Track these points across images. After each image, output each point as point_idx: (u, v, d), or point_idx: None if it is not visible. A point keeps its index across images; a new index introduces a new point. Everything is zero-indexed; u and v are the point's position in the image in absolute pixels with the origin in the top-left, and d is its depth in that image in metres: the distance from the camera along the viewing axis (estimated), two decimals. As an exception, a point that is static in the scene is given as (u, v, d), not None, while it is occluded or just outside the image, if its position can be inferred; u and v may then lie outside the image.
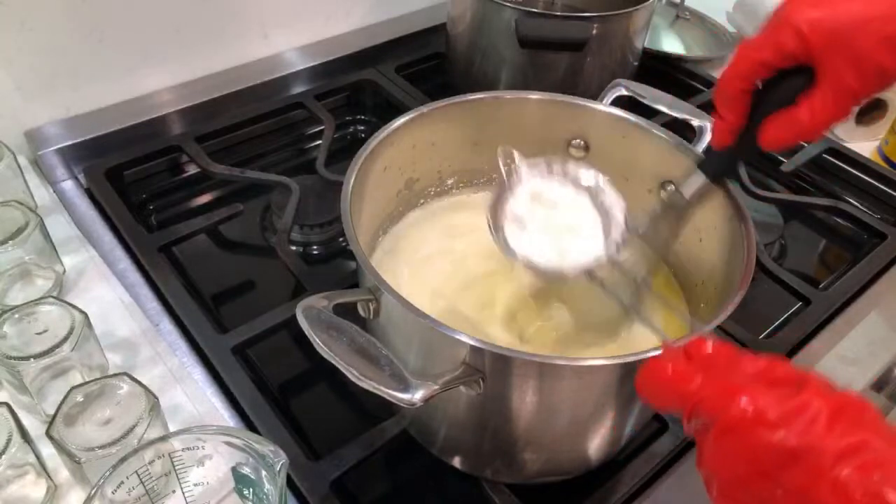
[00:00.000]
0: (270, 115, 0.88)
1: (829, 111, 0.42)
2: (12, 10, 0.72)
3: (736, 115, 0.46)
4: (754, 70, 0.44)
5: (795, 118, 0.43)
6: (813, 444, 0.30)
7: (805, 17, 0.41)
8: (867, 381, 0.65)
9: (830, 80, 0.41)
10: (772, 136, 0.45)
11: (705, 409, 0.33)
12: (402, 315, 0.46)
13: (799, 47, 0.41)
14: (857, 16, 0.40)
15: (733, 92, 0.45)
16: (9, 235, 0.60)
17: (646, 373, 0.37)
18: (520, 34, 0.80)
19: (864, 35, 0.40)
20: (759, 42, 0.43)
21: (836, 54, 0.40)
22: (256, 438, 0.43)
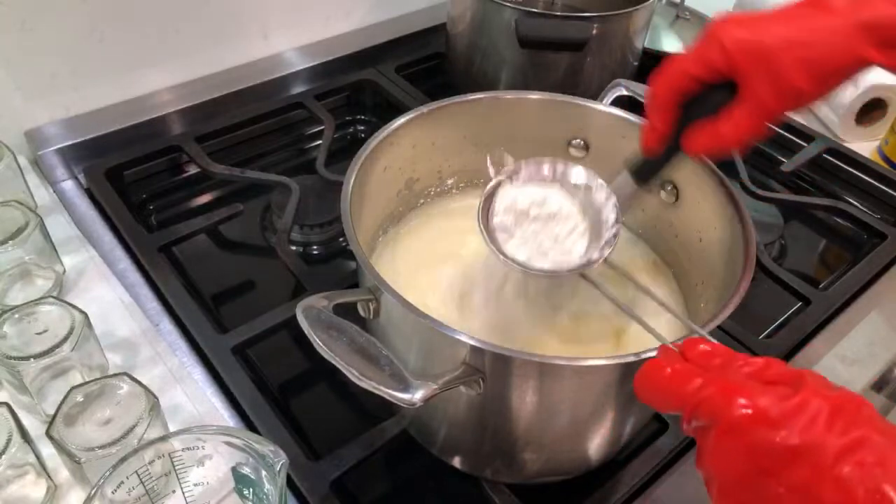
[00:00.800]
0: (270, 115, 0.88)
1: (746, 125, 0.45)
2: (12, 10, 0.72)
3: (665, 123, 0.48)
4: (683, 82, 0.46)
5: (716, 130, 0.45)
6: (814, 441, 0.30)
7: (731, 36, 0.43)
8: (867, 381, 0.65)
9: (750, 96, 0.44)
10: (694, 144, 0.47)
11: (705, 410, 0.33)
12: (402, 315, 0.46)
13: (723, 63, 0.44)
14: (778, 38, 0.42)
15: (663, 101, 0.47)
16: (9, 235, 0.60)
17: (644, 375, 0.38)
18: (520, 34, 0.80)
19: (784, 57, 0.42)
20: (688, 55, 0.46)
21: (756, 72, 0.43)
22: (256, 438, 0.43)
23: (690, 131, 0.47)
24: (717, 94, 0.45)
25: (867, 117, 0.94)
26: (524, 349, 0.42)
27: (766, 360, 0.36)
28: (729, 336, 0.65)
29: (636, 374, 0.38)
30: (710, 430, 0.33)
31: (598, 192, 0.52)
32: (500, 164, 0.54)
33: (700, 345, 0.38)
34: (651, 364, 0.37)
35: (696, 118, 0.46)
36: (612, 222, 0.51)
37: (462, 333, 0.42)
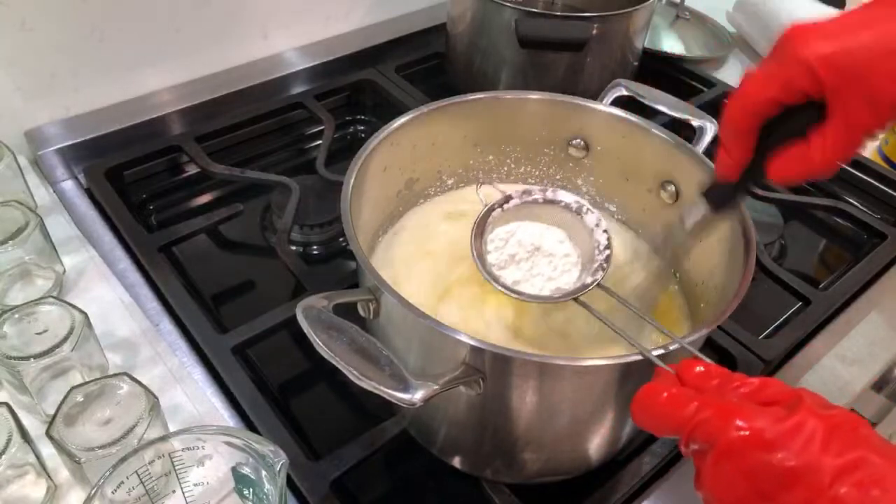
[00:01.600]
0: (270, 115, 0.88)
1: (841, 147, 0.41)
2: (12, 10, 0.72)
3: (743, 151, 0.44)
4: (763, 107, 0.42)
5: (806, 154, 0.41)
6: (811, 462, 0.30)
7: (816, 53, 0.39)
8: (867, 381, 0.65)
9: (843, 116, 0.40)
10: (781, 171, 0.43)
11: (703, 433, 0.33)
12: (402, 315, 0.46)
13: (810, 85, 0.39)
14: (870, 50, 0.38)
15: (741, 128, 0.43)
16: (9, 235, 0.60)
17: (640, 400, 0.37)
18: (520, 34, 0.80)
19: (878, 70, 0.38)
20: (767, 76, 0.41)
21: (849, 91, 0.39)
22: (256, 438, 0.43)
23: (775, 157, 0.43)
24: (801, 114, 0.41)
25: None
26: (524, 349, 0.42)
27: (762, 379, 0.35)
28: (729, 336, 0.65)
29: (633, 399, 0.38)
30: (707, 452, 0.33)
31: (589, 215, 0.53)
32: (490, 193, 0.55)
33: (696, 366, 0.38)
34: (647, 389, 0.37)
35: (780, 142, 0.43)
36: (602, 245, 0.51)
37: (462, 333, 0.42)
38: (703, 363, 0.38)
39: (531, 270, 0.52)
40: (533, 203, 0.54)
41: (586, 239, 0.53)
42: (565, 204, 0.54)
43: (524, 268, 0.52)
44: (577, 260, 0.53)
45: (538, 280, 0.52)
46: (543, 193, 0.54)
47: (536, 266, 0.52)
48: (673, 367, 0.39)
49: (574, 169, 0.66)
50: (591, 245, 0.52)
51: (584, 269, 0.52)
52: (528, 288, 0.51)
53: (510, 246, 0.53)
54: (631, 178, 0.63)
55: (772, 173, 0.44)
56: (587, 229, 0.53)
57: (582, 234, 0.53)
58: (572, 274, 0.52)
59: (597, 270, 0.50)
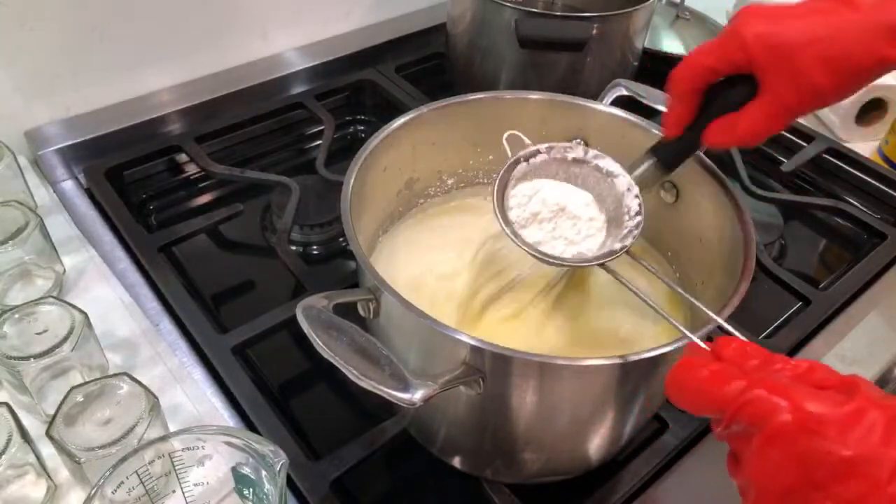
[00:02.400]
0: (270, 115, 0.88)
1: (765, 123, 0.44)
2: (12, 10, 0.72)
3: (684, 109, 0.48)
4: (702, 73, 0.46)
5: (735, 124, 0.45)
6: (870, 454, 0.28)
7: (752, 31, 0.42)
8: (867, 381, 0.65)
9: (769, 93, 0.43)
10: (713, 137, 0.47)
11: (749, 415, 0.31)
12: (402, 315, 0.46)
13: (743, 57, 0.43)
14: (800, 35, 0.41)
15: (683, 88, 0.47)
16: (9, 235, 0.60)
17: (677, 375, 0.35)
18: (520, 34, 0.80)
19: (805, 54, 0.41)
20: (708, 48, 0.45)
21: (776, 69, 0.42)
22: (256, 438, 0.43)
23: (710, 123, 0.47)
24: (738, 87, 0.45)
25: (867, 117, 0.94)
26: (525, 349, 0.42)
27: (811, 363, 0.33)
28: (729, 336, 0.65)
29: (667, 374, 0.35)
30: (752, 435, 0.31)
31: (620, 178, 0.51)
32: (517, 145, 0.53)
33: (735, 343, 0.36)
34: (684, 363, 0.35)
35: (716, 110, 0.46)
36: (634, 212, 0.50)
37: (462, 333, 0.42)
38: (743, 341, 0.36)
39: (553, 232, 0.50)
40: (561, 160, 0.52)
41: (615, 203, 0.51)
42: (596, 165, 0.52)
43: (546, 228, 0.50)
44: (602, 225, 0.51)
45: (559, 243, 0.50)
46: (574, 151, 0.52)
47: (559, 228, 0.50)
48: (709, 344, 0.37)
49: (574, 169, 0.66)
50: (620, 210, 0.50)
51: (610, 235, 0.50)
52: (549, 249, 0.49)
53: (533, 203, 0.51)
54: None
55: (706, 136, 0.47)
56: (617, 193, 0.51)
57: (610, 198, 0.51)
58: (596, 239, 0.50)
59: (626, 237, 0.48)
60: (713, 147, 0.48)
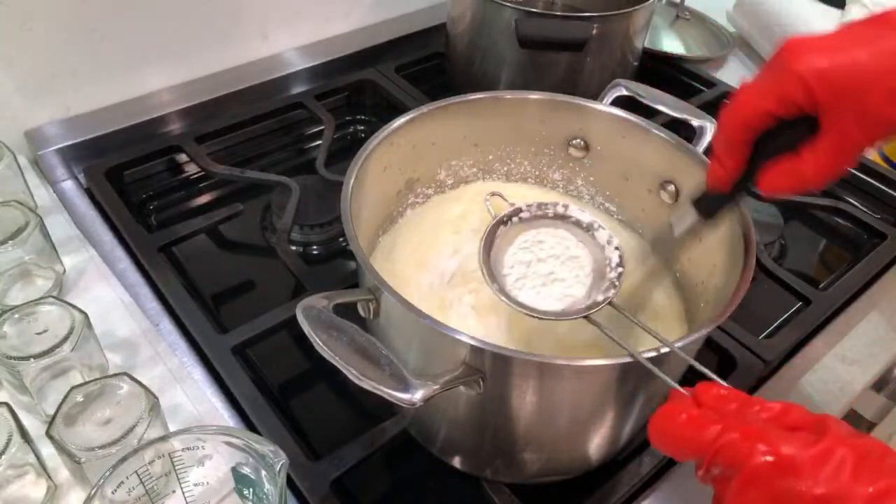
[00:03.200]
0: (270, 115, 0.88)
1: (832, 163, 0.41)
2: (12, 10, 0.72)
3: (735, 162, 0.45)
4: (757, 119, 0.42)
5: (797, 168, 0.42)
6: (841, 491, 0.30)
7: (811, 68, 0.39)
8: (867, 381, 0.65)
9: (836, 131, 0.40)
10: (771, 183, 0.43)
11: (726, 458, 0.32)
12: (402, 315, 0.46)
13: (805, 99, 0.40)
14: (864, 68, 0.39)
15: (734, 139, 0.44)
16: (9, 235, 0.60)
17: (658, 422, 0.36)
18: (520, 34, 0.80)
19: (872, 88, 0.38)
20: (762, 88, 0.42)
21: (842, 107, 0.39)
22: (256, 438, 0.43)
23: (766, 169, 0.43)
24: (794, 128, 0.41)
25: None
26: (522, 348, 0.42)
27: (784, 405, 0.35)
28: (729, 336, 0.65)
29: (650, 421, 0.37)
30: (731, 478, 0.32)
31: (600, 231, 0.52)
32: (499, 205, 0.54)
33: (714, 389, 0.37)
34: (665, 410, 0.36)
35: (772, 155, 0.43)
36: (615, 263, 0.50)
37: (462, 333, 0.42)
38: (722, 386, 0.37)
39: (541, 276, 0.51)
40: (543, 217, 0.53)
41: (597, 256, 0.52)
42: (576, 220, 0.53)
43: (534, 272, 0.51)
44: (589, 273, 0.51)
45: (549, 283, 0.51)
46: (554, 208, 0.53)
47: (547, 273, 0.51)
48: (689, 389, 0.38)
49: (574, 169, 0.66)
50: (602, 262, 0.51)
51: (594, 286, 0.51)
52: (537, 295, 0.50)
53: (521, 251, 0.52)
54: (631, 178, 0.63)
55: (763, 185, 0.44)
56: (598, 246, 0.52)
57: (593, 251, 0.52)
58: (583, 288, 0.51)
59: (608, 288, 0.49)
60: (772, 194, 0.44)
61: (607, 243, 0.51)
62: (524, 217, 0.53)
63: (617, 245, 0.51)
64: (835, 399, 0.62)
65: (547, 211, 0.53)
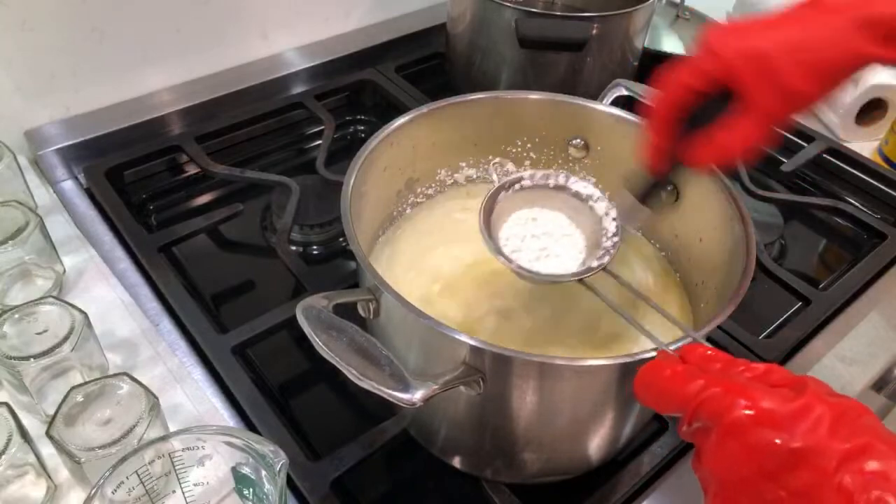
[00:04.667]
0: (270, 115, 0.88)
1: (750, 133, 0.43)
2: (12, 10, 0.72)
3: (665, 139, 0.47)
4: (681, 95, 0.45)
5: (719, 140, 0.44)
6: (818, 446, 0.30)
7: (727, 44, 0.42)
8: (867, 381, 0.65)
9: (751, 103, 0.43)
10: (697, 157, 0.46)
11: (708, 410, 0.33)
12: (402, 315, 0.46)
13: (721, 72, 0.43)
14: (776, 42, 0.42)
15: (662, 116, 0.46)
16: (9, 235, 0.60)
17: (644, 376, 0.38)
18: (520, 34, 0.80)
19: (783, 61, 0.41)
20: (684, 68, 0.45)
21: (756, 79, 0.42)
22: (256, 438, 0.43)
23: (693, 144, 0.45)
24: (717, 104, 0.44)
25: (867, 117, 0.94)
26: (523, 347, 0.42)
27: (768, 365, 0.36)
28: (729, 336, 0.65)
29: (636, 375, 0.38)
30: (710, 431, 0.33)
31: (599, 203, 0.53)
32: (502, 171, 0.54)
33: (699, 349, 0.38)
34: (651, 365, 0.37)
35: (695, 130, 0.45)
36: (611, 233, 0.51)
37: (462, 333, 0.42)
38: (707, 347, 0.38)
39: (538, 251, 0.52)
40: (543, 187, 0.54)
41: (594, 227, 0.52)
42: (575, 191, 0.53)
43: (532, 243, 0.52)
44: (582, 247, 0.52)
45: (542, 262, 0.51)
46: (556, 178, 0.54)
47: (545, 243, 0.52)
48: (676, 350, 0.39)
49: (574, 169, 0.66)
50: (599, 233, 0.52)
51: (590, 255, 0.51)
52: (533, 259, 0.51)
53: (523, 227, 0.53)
54: (631, 178, 0.63)
55: (688, 159, 0.46)
56: (596, 217, 0.52)
57: (590, 222, 0.53)
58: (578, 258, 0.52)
59: (603, 255, 0.50)
60: (697, 167, 0.47)
61: (605, 214, 0.52)
62: (525, 185, 0.54)
63: (614, 217, 0.52)
64: (835, 399, 0.62)
65: (548, 181, 0.54)
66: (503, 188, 0.53)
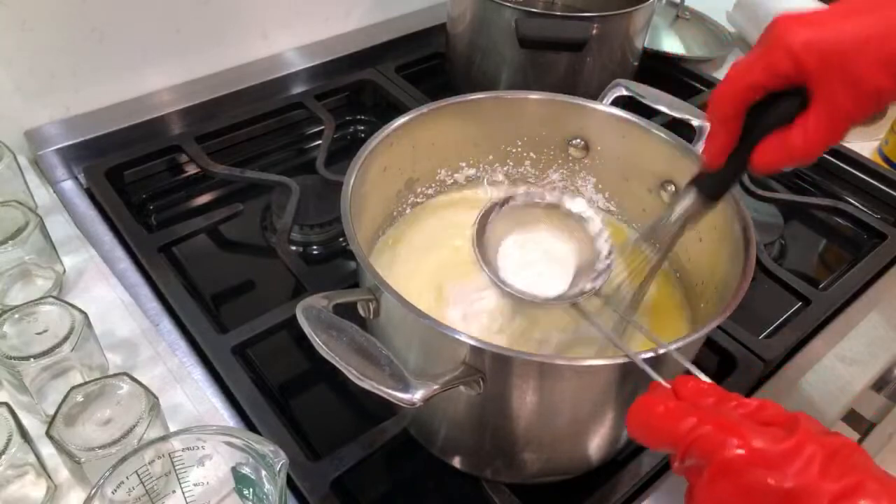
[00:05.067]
0: (270, 115, 0.88)
1: (822, 134, 0.41)
2: (12, 10, 0.72)
3: (727, 136, 0.44)
4: (746, 92, 0.42)
5: (788, 141, 0.42)
6: (809, 486, 0.30)
7: (798, 38, 0.39)
8: (867, 381, 0.65)
9: (825, 102, 0.40)
10: (764, 158, 0.43)
11: (699, 449, 0.33)
12: (402, 315, 0.46)
13: (792, 69, 0.40)
14: (852, 36, 0.39)
15: (725, 112, 0.43)
16: (9, 235, 0.60)
17: (636, 412, 0.37)
18: (520, 34, 0.80)
19: (860, 56, 0.38)
20: (751, 63, 0.42)
21: (830, 76, 0.39)
22: (256, 438, 0.43)
23: (760, 144, 0.43)
24: (785, 102, 0.41)
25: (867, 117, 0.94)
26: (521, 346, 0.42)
27: (760, 401, 0.35)
28: (729, 336, 0.65)
29: (628, 411, 0.37)
30: (702, 469, 0.33)
31: (591, 224, 0.52)
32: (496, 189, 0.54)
33: (692, 382, 0.37)
34: (643, 401, 0.37)
35: (765, 129, 0.43)
36: (604, 255, 0.51)
37: (462, 333, 0.42)
38: (700, 381, 0.38)
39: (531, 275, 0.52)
40: (535, 206, 0.54)
41: (586, 247, 0.52)
42: (567, 210, 0.53)
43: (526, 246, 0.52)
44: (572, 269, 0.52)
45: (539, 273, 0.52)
46: (548, 197, 0.54)
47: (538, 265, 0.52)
48: (669, 382, 0.39)
49: (574, 169, 0.66)
50: (592, 253, 0.52)
51: (583, 276, 0.51)
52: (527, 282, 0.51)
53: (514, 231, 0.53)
54: (631, 178, 0.63)
55: (755, 160, 0.43)
56: (588, 237, 0.52)
57: (583, 242, 0.53)
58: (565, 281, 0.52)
59: (596, 278, 0.50)
60: (763, 171, 0.44)
61: (597, 234, 0.52)
62: (515, 204, 0.54)
63: (607, 237, 0.51)
64: (835, 399, 0.62)
65: (540, 200, 0.54)
66: (493, 208, 0.53)
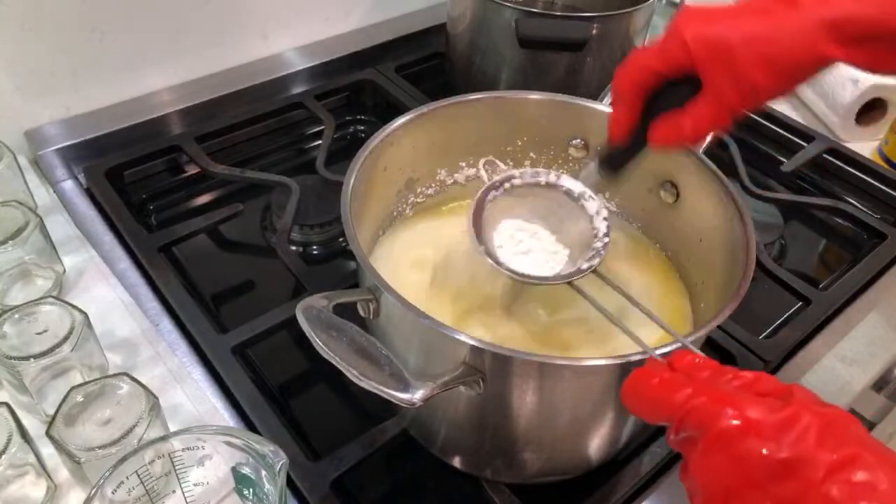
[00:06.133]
0: (270, 115, 0.88)
1: (708, 121, 0.45)
2: (12, 10, 0.72)
3: (628, 115, 0.48)
4: (645, 76, 0.46)
5: (678, 124, 0.46)
6: (804, 455, 0.30)
7: (691, 31, 0.43)
8: (867, 381, 0.65)
9: (712, 92, 0.44)
10: (658, 137, 0.47)
11: (694, 420, 0.33)
12: (402, 315, 0.46)
13: (685, 58, 0.44)
14: (740, 34, 0.42)
15: (626, 94, 0.48)
16: (9, 235, 0.60)
17: (631, 384, 0.37)
18: (520, 34, 0.80)
19: (744, 53, 0.42)
20: (650, 50, 0.46)
21: (717, 68, 0.43)
22: (256, 438, 0.43)
23: (654, 124, 0.47)
24: (681, 88, 0.45)
25: (867, 117, 0.94)
26: (524, 345, 0.42)
27: (756, 373, 0.35)
28: (729, 336, 0.65)
29: (623, 382, 0.37)
30: (697, 440, 0.33)
31: (590, 202, 0.53)
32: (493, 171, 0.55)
33: (688, 356, 0.38)
34: (639, 373, 0.37)
35: (661, 111, 0.47)
36: (602, 233, 0.51)
37: (462, 333, 0.42)
38: (696, 354, 0.38)
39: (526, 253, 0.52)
40: (534, 185, 0.54)
41: (585, 226, 0.52)
42: (566, 189, 0.53)
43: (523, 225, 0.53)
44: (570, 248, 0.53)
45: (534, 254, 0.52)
46: (547, 176, 0.54)
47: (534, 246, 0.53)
48: (665, 356, 0.39)
49: (574, 169, 0.66)
50: (590, 232, 0.52)
51: (580, 256, 0.51)
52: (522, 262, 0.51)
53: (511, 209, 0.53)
54: (630, 178, 0.63)
55: (650, 137, 0.47)
56: (587, 216, 0.53)
57: (581, 221, 0.53)
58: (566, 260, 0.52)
59: (593, 257, 0.50)
60: (657, 147, 0.48)
61: (596, 213, 0.52)
62: (516, 184, 0.54)
63: (605, 216, 0.52)
64: (835, 399, 0.62)
65: (539, 179, 0.54)
66: (493, 187, 0.53)
